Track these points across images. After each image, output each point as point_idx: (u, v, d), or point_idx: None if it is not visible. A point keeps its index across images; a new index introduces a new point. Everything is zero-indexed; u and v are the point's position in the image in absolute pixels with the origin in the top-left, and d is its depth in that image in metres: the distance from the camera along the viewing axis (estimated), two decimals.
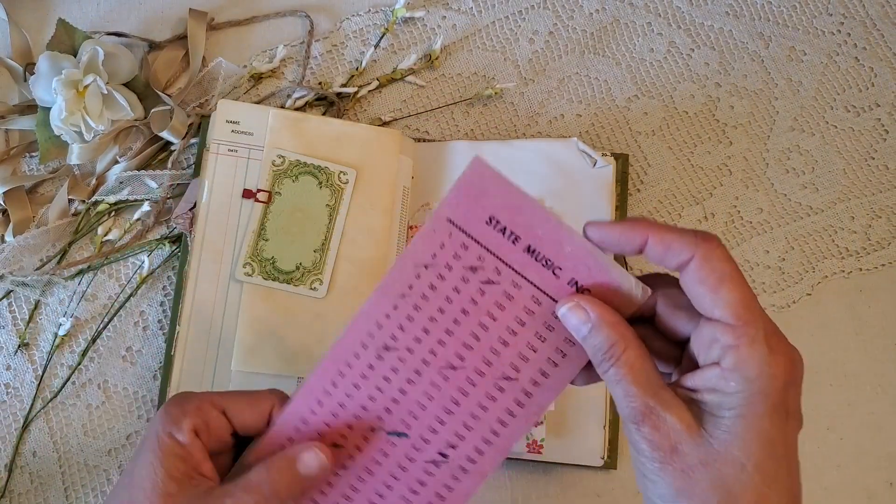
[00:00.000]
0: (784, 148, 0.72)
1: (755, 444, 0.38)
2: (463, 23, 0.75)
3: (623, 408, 0.40)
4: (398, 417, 0.47)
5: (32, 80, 0.67)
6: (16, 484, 0.66)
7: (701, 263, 0.39)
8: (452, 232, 0.44)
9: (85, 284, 0.69)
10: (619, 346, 0.40)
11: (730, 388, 0.39)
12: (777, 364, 0.38)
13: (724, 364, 0.39)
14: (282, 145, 0.66)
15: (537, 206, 0.43)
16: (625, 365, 0.40)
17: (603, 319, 0.41)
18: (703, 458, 0.39)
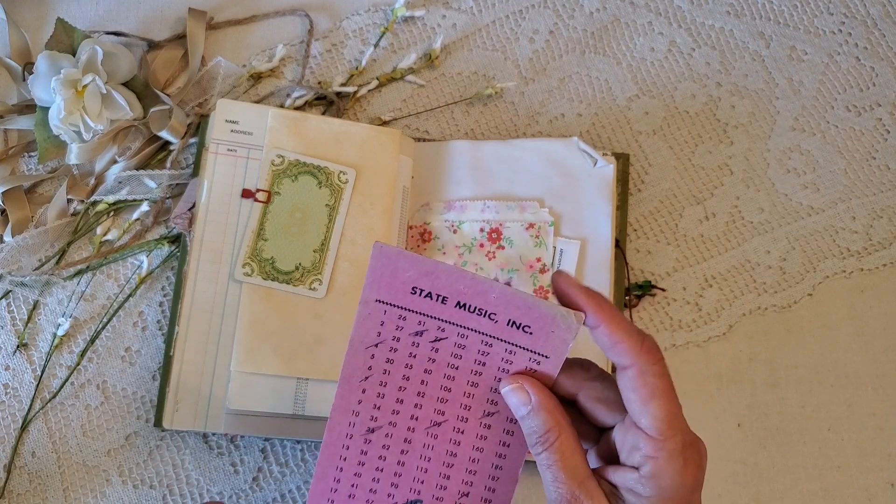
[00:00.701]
0: (785, 148, 0.72)
1: None
2: (463, 22, 0.75)
3: (550, 491, 0.44)
4: (406, 488, 0.49)
5: (31, 79, 0.67)
6: (15, 484, 0.66)
7: (638, 374, 0.43)
8: (386, 309, 0.46)
9: (84, 285, 0.69)
10: (553, 433, 0.44)
11: (645, 493, 0.43)
12: (688, 475, 0.43)
13: (642, 471, 0.43)
14: (281, 145, 0.66)
15: (450, 267, 0.45)
16: (557, 451, 0.44)
17: (542, 405, 0.44)
18: None
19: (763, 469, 0.66)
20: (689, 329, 0.69)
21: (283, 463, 0.66)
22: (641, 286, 0.69)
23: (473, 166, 0.69)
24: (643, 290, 0.69)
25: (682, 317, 0.69)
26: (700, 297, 0.69)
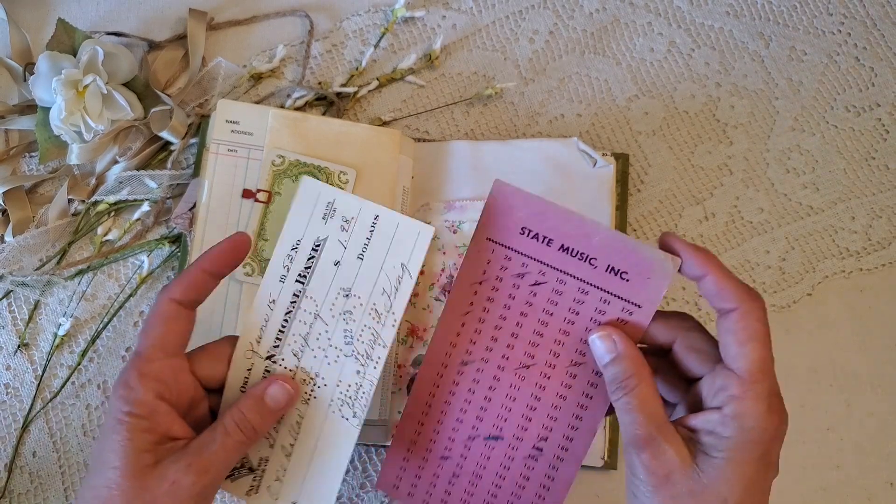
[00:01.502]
0: (784, 148, 0.72)
1: (738, 485, 0.43)
2: (463, 22, 0.75)
3: (628, 433, 0.45)
4: (490, 423, 0.50)
5: (32, 79, 0.67)
6: (16, 484, 0.66)
7: (740, 316, 0.44)
8: (494, 248, 0.49)
9: (84, 284, 0.69)
10: (634, 379, 0.46)
11: (726, 433, 0.44)
12: (771, 421, 0.44)
13: (726, 411, 0.44)
14: (282, 145, 0.66)
15: (560, 208, 0.48)
16: (636, 397, 0.45)
17: (626, 353, 0.46)
18: (692, 489, 0.44)
19: None
20: None
21: None
22: None
23: (473, 166, 0.69)
24: None
25: None
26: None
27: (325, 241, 0.49)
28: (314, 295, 0.49)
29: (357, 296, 0.49)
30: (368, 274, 0.49)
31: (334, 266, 0.49)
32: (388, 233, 0.48)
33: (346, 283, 0.49)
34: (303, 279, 0.49)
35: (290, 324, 0.49)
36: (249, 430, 0.47)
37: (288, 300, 0.49)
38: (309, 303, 0.49)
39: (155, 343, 0.47)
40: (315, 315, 0.49)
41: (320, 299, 0.49)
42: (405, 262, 0.48)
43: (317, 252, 0.49)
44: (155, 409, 0.46)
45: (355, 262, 0.49)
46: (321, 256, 0.49)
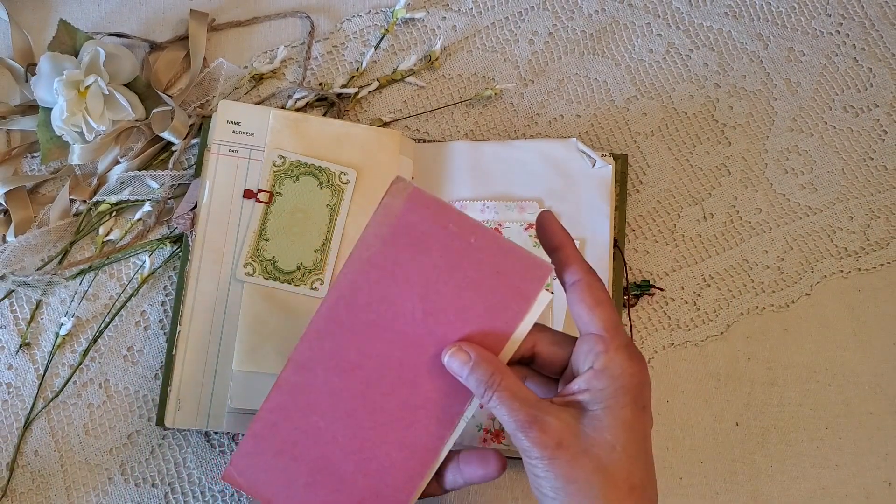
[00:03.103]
0: (783, 148, 0.73)
1: (620, 429, 0.47)
2: (463, 24, 0.75)
3: (509, 423, 0.48)
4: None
5: (34, 80, 0.67)
6: (17, 483, 0.66)
7: (585, 286, 0.50)
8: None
9: (86, 284, 0.69)
10: (496, 376, 0.49)
11: (600, 385, 0.48)
12: (634, 366, 0.48)
13: (595, 366, 0.48)
14: (282, 146, 0.66)
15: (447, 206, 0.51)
16: (504, 389, 0.48)
17: (480, 357, 0.49)
18: (583, 447, 0.47)
19: (761, 468, 0.67)
20: (688, 328, 0.69)
21: None
22: (640, 286, 0.69)
23: (473, 167, 0.69)
24: (641, 289, 0.69)
25: (681, 316, 0.69)
26: (698, 296, 0.70)
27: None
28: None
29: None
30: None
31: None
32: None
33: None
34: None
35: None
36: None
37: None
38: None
39: None
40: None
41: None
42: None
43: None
44: None
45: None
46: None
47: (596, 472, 0.46)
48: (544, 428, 0.47)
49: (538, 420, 0.47)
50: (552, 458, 0.47)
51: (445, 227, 0.50)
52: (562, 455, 0.47)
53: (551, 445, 0.47)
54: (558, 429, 0.47)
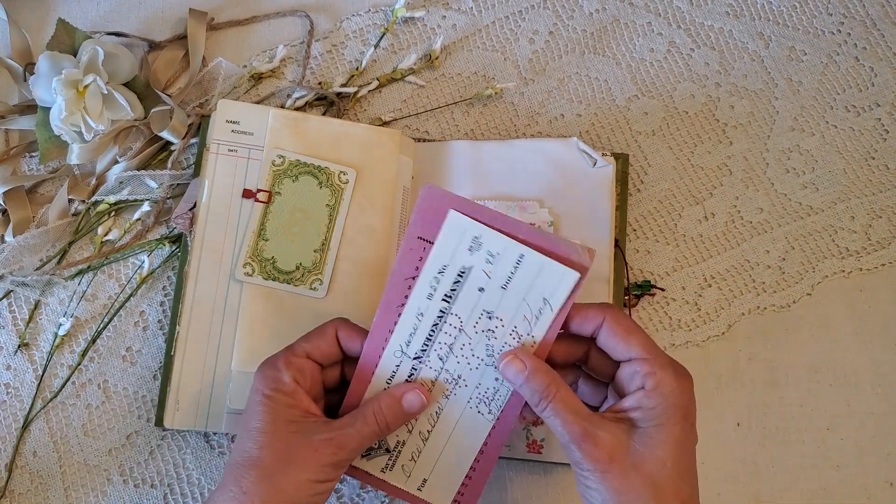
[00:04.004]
0: (784, 148, 0.72)
1: (671, 446, 0.49)
2: (463, 23, 0.75)
3: (563, 434, 0.50)
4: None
5: (32, 79, 0.67)
6: (16, 484, 0.66)
7: (612, 322, 0.52)
8: (425, 247, 0.54)
9: (85, 284, 0.69)
10: (552, 387, 0.51)
11: (651, 404, 0.50)
12: (683, 384, 0.50)
13: (647, 386, 0.50)
14: (282, 145, 0.66)
15: (485, 207, 0.53)
16: (559, 401, 0.50)
17: (536, 367, 0.52)
18: (634, 461, 0.49)
19: (762, 468, 0.66)
20: (689, 329, 0.69)
21: None
22: (641, 286, 0.69)
23: (473, 166, 0.69)
24: (642, 289, 0.69)
25: (682, 316, 0.69)
26: (699, 296, 0.69)
27: (470, 269, 0.54)
28: (459, 313, 0.55)
29: (499, 318, 0.54)
30: (511, 302, 0.54)
31: (479, 291, 0.54)
32: (533, 271, 0.53)
33: (489, 306, 0.54)
34: (448, 299, 0.54)
35: (437, 334, 0.55)
36: (384, 423, 0.54)
37: (435, 314, 0.55)
38: (454, 319, 0.55)
39: (307, 348, 0.55)
40: (459, 329, 0.55)
41: (465, 317, 0.55)
42: (547, 297, 0.53)
43: (462, 278, 0.54)
44: (295, 390, 0.53)
45: (499, 290, 0.54)
46: (467, 282, 0.54)
47: (647, 487, 0.48)
48: (597, 442, 0.49)
49: (591, 434, 0.49)
50: (604, 472, 0.48)
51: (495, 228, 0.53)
52: (614, 469, 0.48)
53: (604, 460, 0.48)
54: (610, 444, 0.49)
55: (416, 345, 0.56)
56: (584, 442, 0.49)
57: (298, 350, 0.55)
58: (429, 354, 0.56)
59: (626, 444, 0.49)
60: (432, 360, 0.56)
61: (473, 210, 0.53)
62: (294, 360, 0.54)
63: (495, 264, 0.53)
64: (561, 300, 0.53)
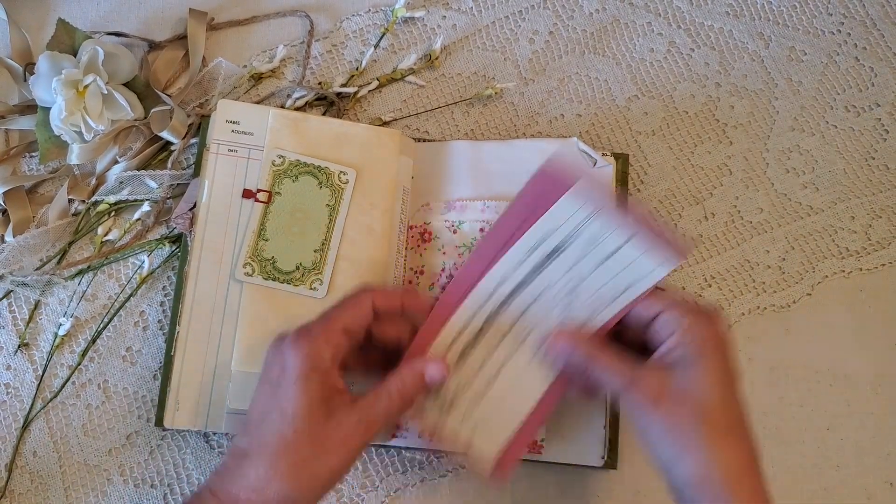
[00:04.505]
0: (784, 148, 0.72)
1: (711, 377, 0.53)
2: (463, 23, 0.75)
3: (613, 388, 0.55)
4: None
5: (32, 79, 0.67)
6: (16, 484, 0.66)
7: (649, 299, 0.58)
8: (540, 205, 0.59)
9: (85, 284, 0.69)
10: (596, 352, 0.56)
11: (686, 343, 0.54)
12: (712, 321, 0.55)
13: (678, 330, 0.54)
14: (282, 145, 0.66)
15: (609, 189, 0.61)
16: (605, 361, 0.56)
17: (579, 342, 0.57)
18: (679, 397, 0.52)
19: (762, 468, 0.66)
20: None
21: None
22: None
23: (473, 166, 0.69)
24: None
25: None
26: (699, 296, 0.69)
27: (577, 237, 0.59)
28: (552, 273, 0.59)
29: (586, 287, 0.58)
30: (602, 276, 0.58)
31: (577, 259, 0.59)
32: (632, 255, 0.58)
33: (581, 274, 0.59)
34: (549, 258, 0.59)
35: (525, 287, 0.59)
36: (408, 399, 0.55)
37: (529, 269, 0.59)
38: (546, 277, 0.59)
39: (345, 321, 0.55)
40: (547, 287, 0.59)
41: (556, 278, 0.59)
42: (635, 281, 0.57)
43: (567, 243, 0.59)
44: (331, 368, 0.54)
45: (596, 263, 0.58)
46: (569, 247, 0.59)
47: (694, 416, 0.52)
48: (642, 386, 0.53)
49: (636, 380, 0.54)
50: (654, 411, 0.53)
51: None
52: (661, 406, 0.52)
53: (651, 399, 0.53)
54: (654, 385, 0.53)
55: (504, 291, 0.60)
56: (632, 388, 0.54)
57: (336, 324, 0.55)
58: (509, 304, 0.60)
59: (669, 384, 0.53)
60: (512, 309, 0.60)
61: (598, 187, 0.58)
62: (332, 337, 0.54)
63: (602, 240, 0.58)
64: (646, 286, 0.57)
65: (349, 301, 0.56)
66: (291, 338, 0.54)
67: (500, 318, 0.60)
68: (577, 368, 0.57)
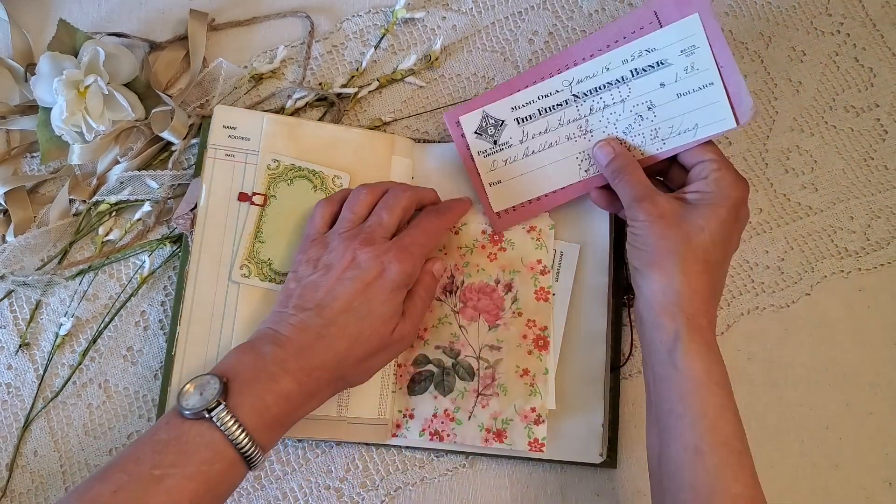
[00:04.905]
0: (783, 148, 0.73)
1: (712, 220, 0.58)
2: (463, 23, 0.75)
3: (629, 194, 0.61)
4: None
5: (33, 80, 0.67)
6: (17, 483, 0.66)
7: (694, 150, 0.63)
8: (652, 21, 0.61)
9: (86, 284, 0.69)
10: (628, 166, 0.62)
11: (707, 189, 0.59)
12: (739, 183, 0.60)
13: (710, 178, 0.60)
14: (276, 150, 0.66)
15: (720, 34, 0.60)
16: (630, 175, 0.62)
17: (619, 152, 0.63)
18: (679, 221, 0.58)
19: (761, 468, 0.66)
20: None
21: (285, 461, 0.67)
22: None
23: None
24: None
25: None
26: None
27: (669, 65, 0.62)
28: (633, 89, 0.63)
29: (655, 114, 0.63)
30: (675, 109, 0.62)
31: (660, 85, 0.62)
32: (709, 99, 0.61)
33: (656, 100, 0.62)
34: (635, 73, 0.63)
35: (603, 90, 0.64)
36: (429, 298, 0.63)
37: (616, 76, 0.63)
38: (626, 90, 0.63)
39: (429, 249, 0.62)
40: (623, 100, 0.63)
41: (634, 94, 0.63)
42: (699, 124, 0.61)
43: (658, 67, 0.62)
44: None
45: (674, 94, 0.62)
46: (658, 72, 0.62)
47: (682, 240, 0.57)
48: (654, 203, 0.59)
49: (651, 197, 0.59)
50: (653, 224, 0.58)
51: None
52: (660, 222, 0.58)
53: (655, 214, 0.59)
54: (664, 206, 0.59)
55: (584, 87, 0.64)
56: (645, 201, 0.59)
57: (424, 251, 0.61)
58: (586, 100, 0.64)
59: (678, 210, 0.59)
60: (584, 105, 0.65)
61: (712, 26, 0.59)
62: (419, 263, 0.61)
63: (689, 75, 0.61)
64: (707, 134, 0.61)
65: (435, 231, 0.63)
66: (395, 253, 0.59)
67: (570, 108, 0.65)
68: (609, 176, 0.63)
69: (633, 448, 0.66)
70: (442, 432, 0.64)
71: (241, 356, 0.56)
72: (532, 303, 0.66)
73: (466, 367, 0.65)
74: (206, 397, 0.53)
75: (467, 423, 0.64)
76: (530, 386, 0.64)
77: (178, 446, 0.52)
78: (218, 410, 0.52)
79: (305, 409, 0.57)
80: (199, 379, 0.54)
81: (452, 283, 0.67)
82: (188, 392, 0.53)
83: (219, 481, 0.52)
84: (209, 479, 0.51)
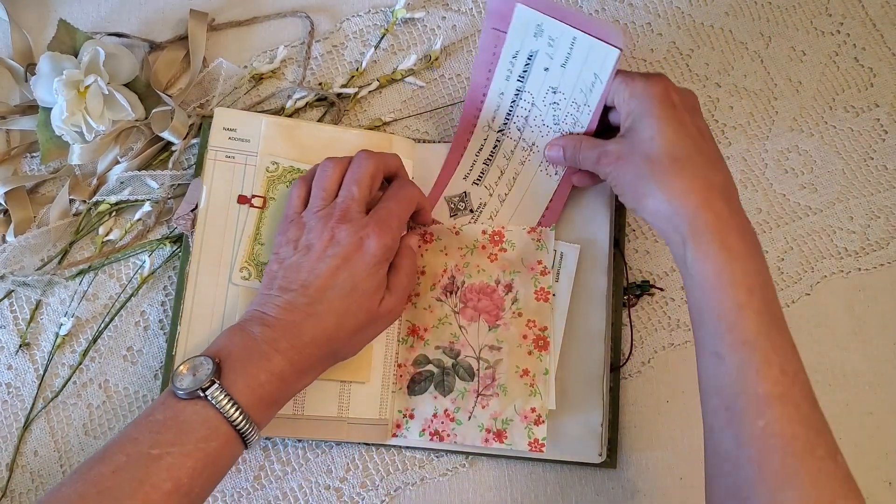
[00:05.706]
0: (783, 148, 0.73)
1: (654, 125, 0.58)
2: (463, 23, 0.75)
3: (590, 162, 0.62)
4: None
5: (33, 80, 0.67)
6: (17, 483, 0.66)
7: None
8: (499, 35, 0.63)
9: (86, 284, 0.69)
10: (578, 146, 0.64)
11: (631, 106, 0.60)
12: (650, 79, 0.60)
13: (625, 95, 0.60)
14: (275, 152, 0.66)
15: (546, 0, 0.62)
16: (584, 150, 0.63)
17: (566, 143, 0.65)
18: (631, 149, 0.59)
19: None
20: (688, 328, 0.69)
21: (285, 461, 0.67)
22: (640, 286, 0.69)
23: None
24: (642, 289, 0.69)
25: (681, 316, 0.69)
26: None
27: (536, 52, 0.63)
28: (531, 90, 0.65)
29: (562, 92, 0.64)
30: (570, 78, 0.63)
31: (545, 71, 0.64)
32: (584, 51, 0.61)
33: (553, 82, 0.64)
34: (522, 79, 0.65)
35: (514, 109, 0.67)
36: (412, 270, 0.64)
37: (513, 92, 0.66)
38: (527, 95, 0.65)
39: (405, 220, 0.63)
40: (532, 104, 0.66)
41: (535, 93, 0.65)
42: (597, 72, 0.61)
43: (531, 60, 0.64)
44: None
45: (559, 69, 0.63)
46: (534, 63, 0.64)
47: (643, 160, 0.58)
48: (607, 154, 0.61)
49: (603, 150, 0.61)
50: (616, 168, 0.60)
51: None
52: (620, 163, 0.59)
53: (613, 161, 0.60)
54: (615, 150, 0.60)
55: (500, 119, 0.67)
56: (602, 158, 0.61)
57: (401, 223, 0.62)
58: (509, 127, 0.67)
59: (627, 145, 0.59)
60: (512, 131, 0.68)
61: (536, 2, 0.61)
62: (398, 235, 0.62)
63: (555, 47, 0.62)
64: (608, 73, 0.61)
65: (409, 201, 0.64)
66: (373, 227, 0.60)
67: (505, 142, 0.68)
68: (573, 164, 0.65)
69: (633, 448, 0.66)
70: (442, 432, 0.64)
71: (231, 337, 0.57)
72: (532, 303, 0.66)
73: (466, 367, 0.65)
74: (199, 378, 0.54)
75: (467, 424, 0.64)
76: (530, 386, 0.64)
77: (175, 426, 0.53)
78: (212, 389, 0.53)
79: (299, 385, 0.58)
80: (191, 360, 0.55)
81: (453, 283, 0.67)
82: (182, 373, 0.54)
83: (215, 458, 0.53)
84: (206, 457, 0.52)
